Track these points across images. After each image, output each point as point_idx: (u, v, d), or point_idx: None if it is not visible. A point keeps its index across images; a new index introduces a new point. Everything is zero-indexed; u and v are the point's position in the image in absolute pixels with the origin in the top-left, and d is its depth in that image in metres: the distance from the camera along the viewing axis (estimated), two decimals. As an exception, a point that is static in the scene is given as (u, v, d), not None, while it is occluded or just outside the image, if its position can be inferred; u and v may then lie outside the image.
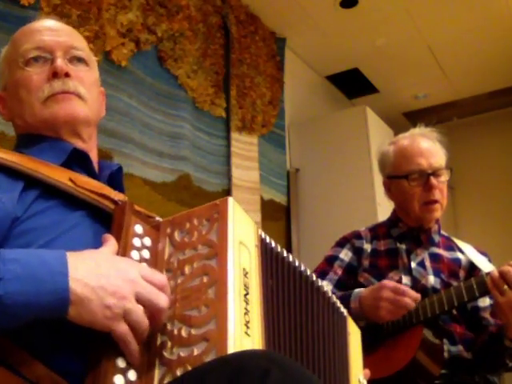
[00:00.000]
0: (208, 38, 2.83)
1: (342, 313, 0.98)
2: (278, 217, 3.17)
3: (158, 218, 0.83)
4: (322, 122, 3.53)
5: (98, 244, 0.71)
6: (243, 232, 0.74)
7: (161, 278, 0.69)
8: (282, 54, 3.48)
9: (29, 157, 0.82)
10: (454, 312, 1.46)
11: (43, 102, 0.88)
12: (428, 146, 1.56)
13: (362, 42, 3.58)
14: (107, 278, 0.64)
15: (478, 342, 1.44)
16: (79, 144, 0.90)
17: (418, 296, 1.38)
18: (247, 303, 0.68)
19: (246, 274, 0.70)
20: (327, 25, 3.41)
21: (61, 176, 0.78)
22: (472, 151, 4.64)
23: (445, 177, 1.55)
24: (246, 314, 0.67)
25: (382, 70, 3.97)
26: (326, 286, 0.93)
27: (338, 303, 0.96)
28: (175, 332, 0.66)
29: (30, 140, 0.90)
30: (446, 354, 1.42)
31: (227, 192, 2.79)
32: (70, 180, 0.78)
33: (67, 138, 0.89)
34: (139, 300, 0.65)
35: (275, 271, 0.79)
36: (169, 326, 0.67)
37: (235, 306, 0.65)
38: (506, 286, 1.28)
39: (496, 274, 1.31)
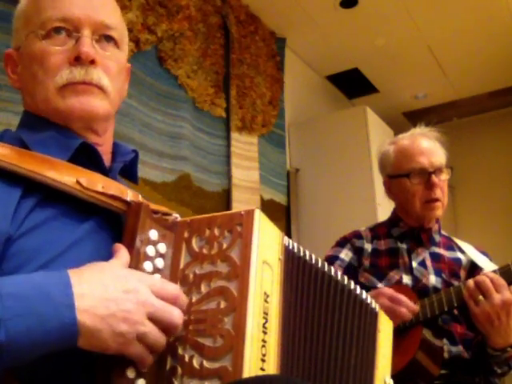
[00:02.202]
0: (208, 38, 2.83)
1: (374, 309, 0.91)
2: (278, 217, 3.17)
3: (174, 215, 0.76)
4: (322, 122, 3.53)
5: (106, 259, 0.65)
6: (267, 249, 0.69)
7: (173, 289, 0.64)
8: (282, 54, 3.48)
9: (30, 153, 0.73)
10: (455, 312, 1.46)
11: (59, 89, 0.76)
12: (428, 145, 1.57)
13: (361, 41, 3.58)
14: (116, 303, 0.59)
15: (474, 342, 1.44)
16: (92, 138, 0.81)
17: (415, 308, 1.36)
18: (265, 333, 0.65)
19: (266, 299, 0.66)
20: (327, 25, 3.41)
21: (67, 176, 0.70)
22: (472, 151, 4.64)
23: (445, 175, 1.56)
24: (263, 346, 0.64)
25: (382, 70, 3.97)
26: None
27: (369, 299, 0.89)
28: (186, 359, 0.63)
29: (35, 124, 0.80)
30: (446, 354, 1.41)
31: (227, 192, 2.79)
32: (78, 183, 0.69)
33: (79, 131, 0.80)
34: (152, 320, 0.61)
35: (300, 282, 0.75)
36: (180, 350, 0.64)
37: (253, 341, 0.62)
38: (481, 297, 1.28)
39: (471, 284, 1.30)
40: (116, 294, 0.60)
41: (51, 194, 0.69)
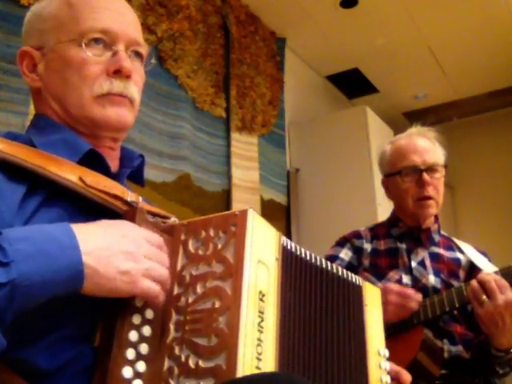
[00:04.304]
0: (208, 38, 2.83)
1: (359, 286, 0.90)
2: (278, 217, 3.17)
3: (173, 218, 0.79)
4: (322, 122, 3.53)
5: None
6: (262, 248, 0.70)
7: (158, 238, 0.69)
8: (282, 54, 3.48)
9: (35, 149, 0.74)
10: (455, 312, 1.46)
11: (97, 97, 0.80)
12: (423, 144, 1.57)
13: (362, 41, 3.58)
14: (117, 244, 0.63)
15: (475, 342, 1.44)
16: (111, 144, 0.85)
17: (420, 297, 1.38)
18: (261, 332, 0.65)
19: (262, 298, 0.67)
20: (327, 25, 3.41)
21: (70, 173, 0.71)
22: (472, 151, 4.63)
23: (440, 173, 1.55)
24: (258, 345, 0.64)
25: (382, 70, 3.97)
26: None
27: (354, 279, 0.89)
28: (183, 359, 0.64)
29: (46, 127, 0.82)
30: (446, 354, 1.41)
31: (227, 192, 2.79)
32: (80, 179, 0.71)
33: (103, 139, 0.84)
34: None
35: (299, 281, 0.76)
36: (177, 351, 0.65)
37: (247, 340, 0.62)
38: (484, 297, 1.27)
39: (475, 284, 1.30)
40: (115, 237, 0.64)
41: (55, 193, 0.71)
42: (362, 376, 0.84)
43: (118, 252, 0.63)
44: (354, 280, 0.89)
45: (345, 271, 0.87)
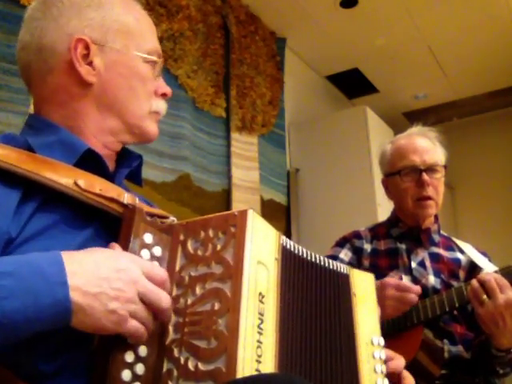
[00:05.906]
0: (208, 38, 2.83)
1: (346, 274, 0.89)
2: (278, 217, 3.17)
3: (171, 218, 0.77)
4: (322, 122, 3.53)
5: None
6: (262, 249, 0.69)
7: (161, 273, 0.66)
8: (282, 54, 3.48)
9: (30, 153, 0.73)
10: (455, 312, 1.46)
11: (150, 113, 0.88)
12: (423, 144, 1.57)
13: (361, 41, 3.58)
14: (108, 281, 0.60)
15: (475, 342, 1.44)
16: (119, 148, 0.88)
17: (419, 289, 1.38)
18: (261, 334, 0.64)
19: (261, 299, 0.66)
20: (327, 25, 3.41)
21: (65, 177, 0.70)
22: (472, 151, 4.64)
23: (440, 174, 1.55)
24: (258, 347, 0.63)
25: (382, 70, 3.97)
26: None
27: (341, 268, 0.88)
28: (182, 361, 0.63)
29: (41, 128, 0.80)
30: (446, 354, 1.41)
31: (227, 192, 2.79)
32: (75, 184, 0.70)
33: (124, 144, 0.88)
34: (142, 300, 0.63)
35: (299, 281, 0.75)
36: (176, 353, 0.64)
37: (247, 342, 0.62)
38: (485, 296, 1.27)
39: (476, 283, 1.30)
40: (108, 273, 0.61)
41: (51, 198, 0.70)
42: (352, 369, 0.83)
43: (108, 289, 0.60)
44: (341, 270, 0.88)
45: (332, 262, 0.86)
